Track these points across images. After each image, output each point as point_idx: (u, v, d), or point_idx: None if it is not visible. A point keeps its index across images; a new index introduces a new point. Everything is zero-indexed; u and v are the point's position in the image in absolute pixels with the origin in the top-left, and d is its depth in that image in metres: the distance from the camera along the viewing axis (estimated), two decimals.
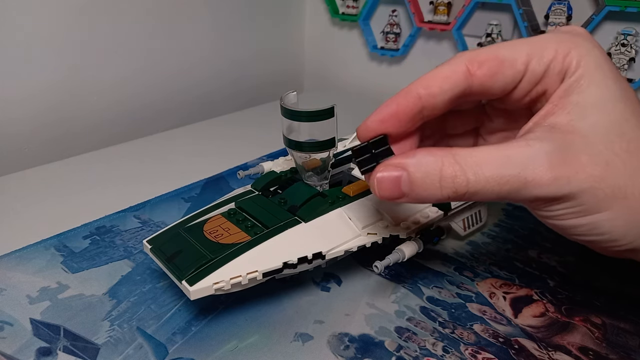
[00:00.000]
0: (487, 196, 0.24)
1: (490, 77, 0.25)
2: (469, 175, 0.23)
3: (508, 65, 0.25)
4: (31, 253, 0.38)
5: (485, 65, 0.25)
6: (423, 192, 0.24)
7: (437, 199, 0.25)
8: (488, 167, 0.23)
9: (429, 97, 0.25)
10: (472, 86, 0.25)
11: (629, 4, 0.57)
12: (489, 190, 0.24)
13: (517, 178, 0.23)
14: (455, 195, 0.24)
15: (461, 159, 0.24)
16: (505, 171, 0.23)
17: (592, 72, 0.24)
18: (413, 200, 0.25)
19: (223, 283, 0.29)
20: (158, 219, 0.43)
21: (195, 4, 0.73)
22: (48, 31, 0.59)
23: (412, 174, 0.24)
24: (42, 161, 0.57)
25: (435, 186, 0.24)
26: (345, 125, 0.32)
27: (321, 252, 0.31)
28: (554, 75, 0.25)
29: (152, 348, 0.30)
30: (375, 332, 0.31)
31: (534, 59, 0.25)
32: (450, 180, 0.24)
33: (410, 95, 0.25)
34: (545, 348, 0.30)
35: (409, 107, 0.25)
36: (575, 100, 0.24)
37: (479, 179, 0.23)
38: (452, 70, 0.25)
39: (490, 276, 0.36)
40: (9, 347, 0.29)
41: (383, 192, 0.25)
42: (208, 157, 0.57)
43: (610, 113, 0.24)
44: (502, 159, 0.24)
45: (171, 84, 0.74)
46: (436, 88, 0.25)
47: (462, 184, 0.24)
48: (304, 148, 0.33)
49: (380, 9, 0.82)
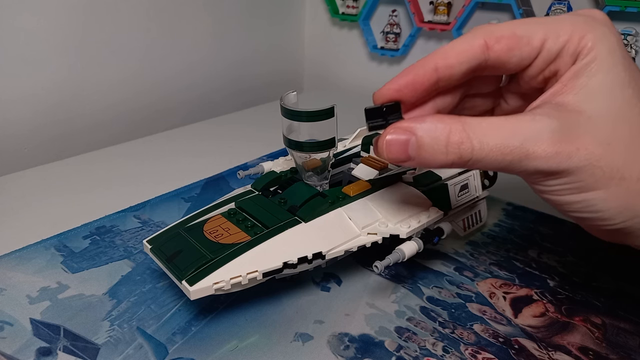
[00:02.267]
0: (490, 164, 0.25)
1: (506, 52, 0.26)
2: (474, 143, 0.24)
3: (525, 42, 0.26)
4: (31, 253, 0.38)
5: (503, 40, 0.26)
6: (429, 156, 0.25)
7: (442, 164, 0.25)
8: (493, 136, 0.24)
9: (446, 69, 0.26)
10: (488, 60, 0.26)
11: (629, 4, 0.57)
12: (492, 158, 0.24)
13: (520, 149, 0.24)
14: (459, 161, 0.25)
15: (469, 127, 0.24)
16: (509, 142, 0.24)
17: (605, 56, 0.25)
18: (418, 163, 0.26)
19: (223, 283, 0.29)
20: (158, 219, 0.43)
21: (195, 4, 0.73)
22: (48, 31, 0.59)
23: (420, 138, 0.25)
24: (42, 161, 0.57)
25: (442, 151, 0.25)
26: (345, 125, 0.32)
27: (321, 252, 0.31)
28: (567, 56, 0.25)
29: (152, 348, 0.30)
30: (375, 332, 0.31)
31: (550, 38, 0.25)
32: (457, 146, 0.24)
33: (428, 66, 0.26)
34: (545, 348, 0.30)
35: (426, 78, 0.26)
36: (584, 83, 0.25)
37: (483, 147, 0.24)
38: (470, 44, 0.26)
39: (490, 276, 0.36)
40: (9, 347, 0.29)
41: (391, 154, 0.26)
42: (208, 157, 0.57)
43: (617, 98, 0.24)
44: (508, 130, 0.24)
45: (171, 84, 0.74)
46: (453, 60, 0.26)
47: (467, 151, 0.24)
48: (304, 148, 0.33)
49: (380, 9, 0.82)
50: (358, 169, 0.39)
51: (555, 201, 0.26)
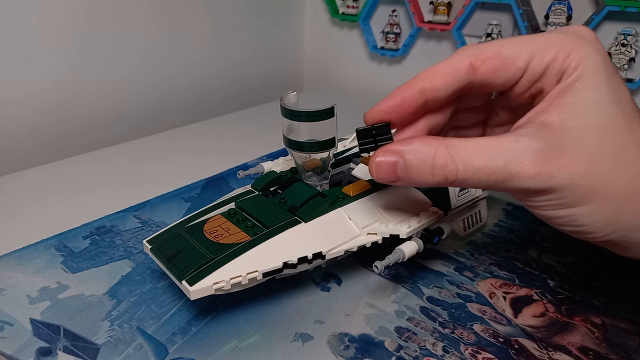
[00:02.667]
0: (475, 184, 0.26)
1: (492, 73, 0.26)
2: (458, 165, 0.25)
3: (510, 63, 0.26)
4: (31, 253, 0.38)
5: (489, 62, 0.26)
6: (417, 177, 0.26)
7: (429, 184, 0.26)
8: (477, 158, 0.25)
9: (432, 91, 0.27)
10: (474, 81, 0.27)
11: (629, 4, 0.57)
12: (477, 179, 0.25)
13: (503, 170, 0.25)
14: (445, 182, 0.26)
15: (453, 149, 0.25)
16: (492, 163, 0.25)
17: (589, 75, 0.25)
18: (407, 183, 0.27)
19: (223, 283, 0.29)
20: (158, 219, 0.43)
21: (195, 4, 0.73)
22: (48, 31, 0.59)
23: (407, 161, 0.26)
24: (42, 161, 0.57)
25: (428, 172, 0.26)
26: (345, 125, 0.32)
27: (321, 252, 0.31)
28: (552, 75, 0.26)
29: (152, 348, 0.30)
30: (375, 332, 0.31)
31: (535, 57, 0.26)
32: (442, 168, 0.25)
33: (414, 89, 0.27)
34: (545, 348, 0.30)
35: (413, 100, 0.27)
36: (569, 101, 0.25)
37: (467, 168, 0.25)
38: (456, 66, 0.27)
39: (490, 276, 0.36)
40: (9, 347, 0.29)
41: (380, 175, 0.27)
42: (208, 157, 0.57)
43: (602, 116, 0.25)
44: (491, 152, 0.25)
45: (171, 84, 0.74)
46: (439, 83, 0.27)
47: (452, 172, 0.25)
48: (304, 148, 0.33)
49: (380, 9, 0.82)
50: (358, 169, 0.39)
51: (542, 215, 0.27)
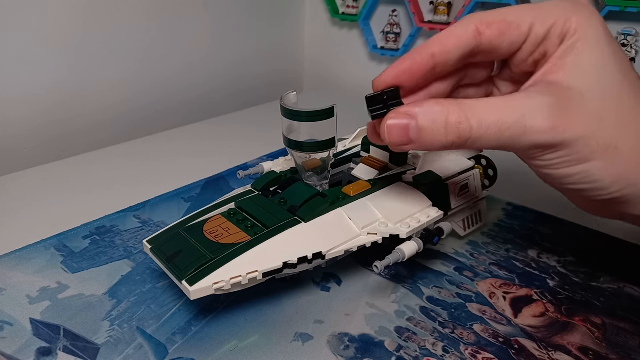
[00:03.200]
0: (488, 143, 0.26)
1: (497, 36, 0.27)
2: (472, 122, 0.25)
3: (515, 26, 0.27)
4: (31, 253, 0.38)
5: (494, 25, 0.27)
6: (429, 138, 0.26)
7: (442, 145, 0.26)
8: (491, 114, 0.25)
9: (442, 54, 0.27)
10: (481, 45, 0.27)
11: (629, 4, 0.57)
12: (491, 136, 0.25)
13: (517, 125, 0.25)
14: (459, 141, 0.26)
15: (466, 107, 0.26)
16: (506, 118, 0.25)
17: (589, 37, 0.26)
18: (419, 146, 0.26)
19: (223, 283, 0.29)
20: (158, 219, 0.43)
21: (195, 4, 0.73)
22: (48, 31, 0.59)
23: (420, 122, 0.26)
24: (42, 161, 0.57)
25: (441, 132, 0.26)
26: (345, 125, 0.32)
27: (321, 252, 0.31)
28: (555, 38, 0.27)
29: (152, 348, 0.30)
30: (375, 332, 0.31)
31: (537, 22, 0.27)
32: (455, 126, 0.25)
33: (425, 53, 0.27)
34: (545, 348, 0.30)
35: (423, 64, 0.27)
36: (572, 61, 0.26)
37: (481, 125, 0.25)
38: (464, 30, 0.27)
39: (490, 276, 0.36)
40: (9, 347, 0.29)
41: (392, 139, 0.27)
42: (208, 157, 0.57)
43: (603, 74, 0.26)
44: (504, 108, 0.25)
45: (171, 84, 0.74)
46: (449, 46, 0.27)
47: (466, 130, 0.25)
48: (304, 148, 0.33)
49: (380, 9, 0.82)
50: (358, 169, 0.39)
51: (553, 175, 0.27)
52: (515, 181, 0.49)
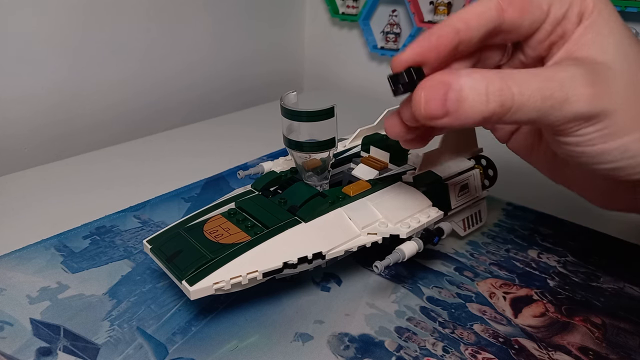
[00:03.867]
0: (529, 113, 0.25)
1: (519, 14, 0.27)
2: (514, 90, 0.24)
3: (535, 5, 0.27)
4: (31, 253, 0.38)
5: (516, 3, 0.27)
6: (469, 108, 0.24)
7: (482, 116, 0.25)
8: (532, 82, 0.25)
9: (467, 31, 0.26)
10: (503, 23, 0.27)
11: (629, 4, 0.57)
12: (533, 105, 0.24)
13: (560, 92, 0.24)
14: (501, 110, 0.24)
15: (506, 75, 0.25)
16: (548, 85, 0.24)
17: (607, 14, 0.27)
18: (455, 119, 0.25)
19: (223, 283, 0.29)
20: (158, 219, 0.43)
21: (195, 4, 0.73)
22: (48, 31, 0.59)
23: (459, 90, 0.24)
24: (42, 161, 0.57)
25: (482, 100, 0.24)
26: (345, 125, 0.32)
27: (321, 252, 0.31)
28: (573, 17, 0.27)
29: (152, 348, 0.30)
30: (375, 332, 0.31)
31: (556, 1, 0.27)
32: (497, 93, 0.24)
33: (450, 29, 0.26)
34: (545, 348, 0.30)
35: (448, 40, 0.26)
36: (595, 38, 0.26)
37: (523, 92, 0.24)
38: (486, 7, 0.27)
39: (490, 276, 0.36)
40: (9, 347, 0.29)
41: (429, 110, 0.25)
42: (208, 157, 0.57)
43: (628, 48, 0.26)
44: (544, 77, 0.25)
45: (171, 84, 0.74)
46: (474, 22, 0.27)
47: (508, 97, 0.24)
48: (304, 148, 0.33)
49: (380, 9, 0.82)
50: (358, 169, 0.39)
51: (590, 153, 0.26)
52: (515, 181, 0.49)
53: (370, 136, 0.41)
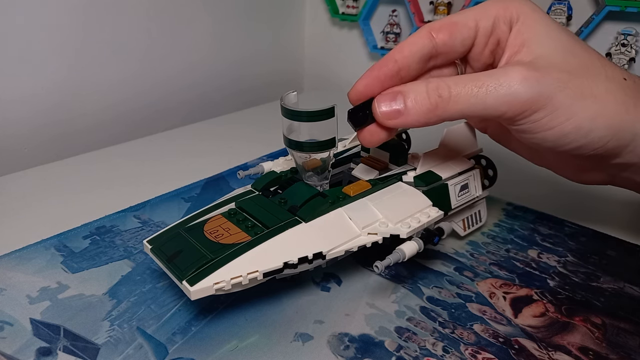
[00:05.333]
0: (468, 100, 0.28)
1: (449, 37, 0.31)
2: (449, 83, 0.29)
3: (462, 25, 0.31)
4: (31, 253, 0.38)
5: (444, 28, 0.31)
6: (415, 104, 0.29)
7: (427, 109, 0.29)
8: (466, 78, 0.29)
9: (403, 58, 0.31)
10: (436, 46, 0.31)
11: (629, 4, 0.57)
12: (469, 93, 0.28)
13: (493, 80, 0.28)
14: (441, 101, 0.29)
15: (443, 78, 0.29)
16: (480, 77, 0.28)
17: (532, 15, 0.30)
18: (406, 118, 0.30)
19: (223, 283, 0.29)
20: (158, 219, 0.43)
21: (195, 4, 0.73)
22: (48, 31, 0.59)
23: (404, 93, 0.30)
24: (42, 161, 0.57)
25: (424, 96, 0.29)
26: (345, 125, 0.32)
27: (321, 252, 0.31)
28: (502, 26, 0.31)
29: (152, 348, 0.30)
30: (375, 332, 0.31)
31: (481, 18, 0.31)
32: (435, 89, 0.29)
33: (388, 60, 0.31)
34: (545, 348, 0.30)
35: (388, 69, 0.31)
36: (528, 37, 0.30)
37: (458, 84, 0.29)
38: (419, 37, 0.31)
39: (490, 276, 0.36)
40: (9, 347, 0.29)
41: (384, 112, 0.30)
42: (208, 157, 0.57)
43: (560, 39, 0.30)
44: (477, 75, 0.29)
45: (171, 84, 0.74)
46: (407, 51, 0.31)
47: (444, 90, 0.29)
48: (304, 148, 0.33)
49: (380, 9, 0.82)
50: (358, 169, 0.39)
51: (550, 138, 0.29)
52: (515, 181, 0.49)
53: None
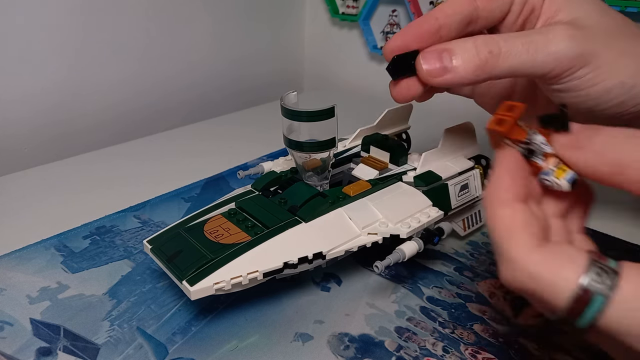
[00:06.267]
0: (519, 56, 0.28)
1: (488, 1, 0.31)
2: (499, 40, 0.29)
3: None
4: (31, 253, 0.38)
5: None
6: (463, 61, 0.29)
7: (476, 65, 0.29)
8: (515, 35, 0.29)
9: (444, 17, 0.30)
10: (477, 9, 0.31)
11: (629, 4, 0.57)
12: (518, 50, 0.28)
13: (541, 37, 0.28)
14: (491, 57, 0.28)
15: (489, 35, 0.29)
16: (530, 34, 0.29)
17: None
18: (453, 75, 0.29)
19: (223, 283, 0.29)
20: (158, 219, 0.43)
21: (195, 4, 0.73)
22: (48, 31, 0.59)
23: (452, 49, 0.29)
24: (42, 161, 0.57)
25: (472, 52, 0.29)
26: (345, 125, 0.32)
27: (321, 252, 0.31)
28: None
29: (152, 348, 0.30)
30: (375, 332, 0.31)
31: None
32: (484, 45, 0.29)
33: (430, 17, 0.31)
34: (545, 348, 0.30)
35: (429, 26, 0.30)
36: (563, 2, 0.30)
37: (507, 40, 0.28)
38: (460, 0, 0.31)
39: (490, 276, 0.36)
40: (9, 347, 0.29)
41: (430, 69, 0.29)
42: (208, 157, 0.57)
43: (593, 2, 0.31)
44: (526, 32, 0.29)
45: (171, 84, 0.74)
46: (450, 10, 0.31)
47: (494, 46, 0.28)
48: (304, 148, 0.33)
49: (380, 9, 0.82)
50: (358, 169, 0.39)
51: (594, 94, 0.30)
52: None
53: (370, 136, 0.41)
